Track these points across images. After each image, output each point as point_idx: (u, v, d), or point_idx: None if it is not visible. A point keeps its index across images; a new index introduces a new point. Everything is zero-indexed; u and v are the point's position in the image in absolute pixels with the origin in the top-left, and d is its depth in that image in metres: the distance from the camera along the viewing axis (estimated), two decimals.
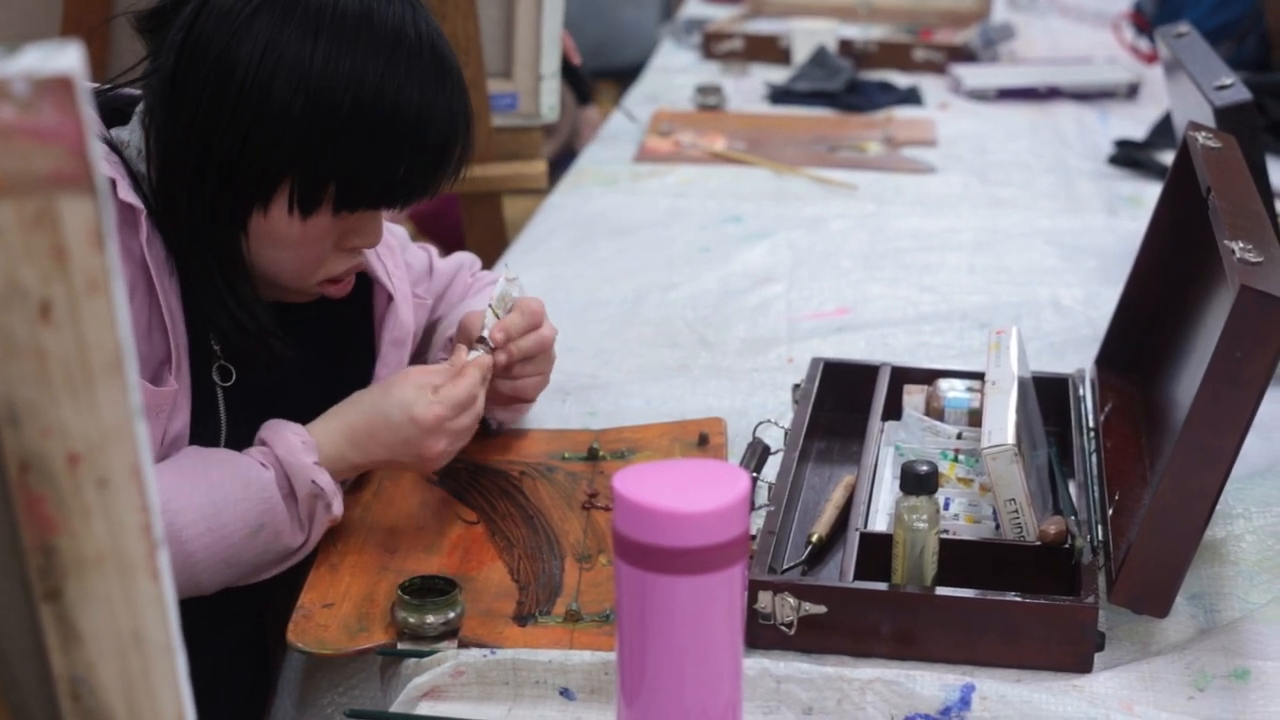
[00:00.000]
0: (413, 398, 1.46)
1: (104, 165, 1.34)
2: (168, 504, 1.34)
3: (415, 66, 1.37)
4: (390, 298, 1.59)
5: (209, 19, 1.35)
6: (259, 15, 1.34)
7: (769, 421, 1.71)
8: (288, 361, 1.49)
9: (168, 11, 1.39)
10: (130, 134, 1.42)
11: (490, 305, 1.57)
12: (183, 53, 1.35)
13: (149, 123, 1.39)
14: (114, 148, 1.41)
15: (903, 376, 1.75)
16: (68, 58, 0.59)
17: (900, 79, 3.46)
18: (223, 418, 1.48)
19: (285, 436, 1.42)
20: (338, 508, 1.45)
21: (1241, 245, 1.31)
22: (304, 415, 1.47)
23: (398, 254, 1.64)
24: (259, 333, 1.45)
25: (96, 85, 1.45)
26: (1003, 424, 1.45)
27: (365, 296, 1.58)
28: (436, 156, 1.41)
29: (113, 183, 1.35)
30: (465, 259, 1.82)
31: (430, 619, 1.34)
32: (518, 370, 1.59)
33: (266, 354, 1.46)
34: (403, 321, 1.59)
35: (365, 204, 1.41)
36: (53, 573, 0.65)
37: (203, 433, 1.45)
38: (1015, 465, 1.42)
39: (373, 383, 1.57)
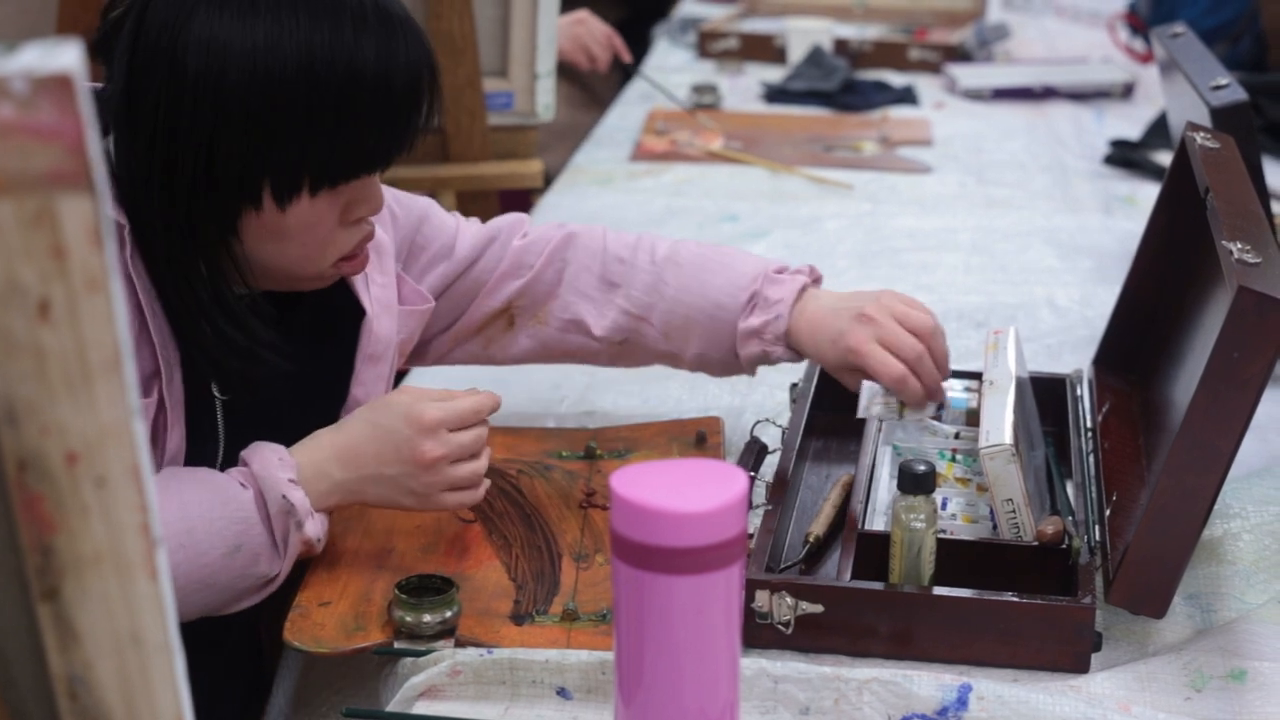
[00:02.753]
0: (408, 401, 1.42)
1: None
2: None
3: (361, 26, 1.32)
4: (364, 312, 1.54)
5: (150, 30, 1.31)
6: (195, 14, 1.30)
7: (766, 420, 1.71)
8: (288, 376, 1.44)
9: (110, 33, 1.36)
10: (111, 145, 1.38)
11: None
12: (132, 67, 1.32)
13: (112, 143, 1.36)
14: (107, 158, 1.36)
15: None
16: (67, 56, 0.59)
17: (896, 78, 3.46)
18: (221, 432, 1.45)
19: (263, 453, 1.38)
20: (311, 529, 1.38)
21: (1240, 246, 1.31)
22: (305, 430, 1.45)
23: (387, 254, 1.58)
24: (249, 349, 1.40)
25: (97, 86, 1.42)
26: (1000, 424, 1.45)
27: (360, 306, 1.54)
28: (406, 110, 1.37)
29: None
30: (506, 224, 1.71)
31: (427, 618, 1.34)
32: None
33: (260, 369, 1.41)
34: (378, 336, 1.54)
35: (344, 175, 1.36)
36: (50, 572, 0.65)
37: (200, 448, 1.43)
38: (1013, 465, 1.41)
39: (348, 400, 1.53)
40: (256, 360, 1.41)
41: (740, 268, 1.66)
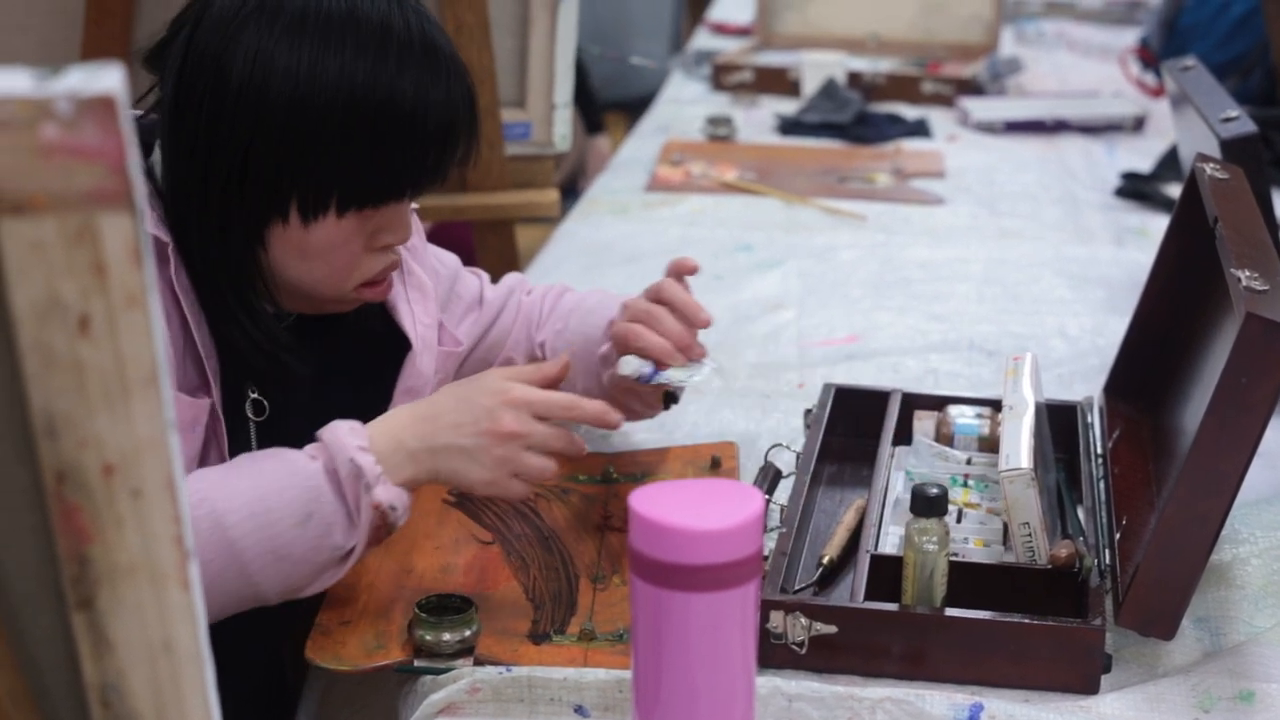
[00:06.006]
0: (500, 374, 1.42)
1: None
2: (209, 494, 1.30)
3: (406, 59, 1.36)
4: (410, 346, 1.57)
5: (203, 36, 1.35)
6: (246, 26, 1.34)
7: (781, 445, 1.72)
8: (323, 400, 1.48)
9: (168, 42, 1.40)
10: (155, 161, 1.43)
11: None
12: (182, 75, 1.36)
13: (161, 149, 1.40)
14: (150, 177, 1.41)
15: (913, 402, 1.76)
16: (110, 78, 0.61)
17: (909, 111, 3.47)
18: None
19: (335, 426, 1.38)
20: (382, 494, 1.34)
21: (1248, 274, 1.33)
22: None
23: (430, 298, 1.61)
24: (272, 353, 1.43)
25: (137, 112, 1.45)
26: (1019, 448, 1.46)
27: (400, 342, 1.57)
28: (439, 145, 1.40)
29: None
30: (514, 282, 1.79)
31: (447, 636, 1.35)
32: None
33: (281, 371, 1.45)
34: (419, 370, 1.57)
35: (371, 200, 1.39)
36: (86, 582, 0.67)
37: None
38: (1031, 489, 1.43)
39: None
40: (278, 364, 1.44)
41: None
